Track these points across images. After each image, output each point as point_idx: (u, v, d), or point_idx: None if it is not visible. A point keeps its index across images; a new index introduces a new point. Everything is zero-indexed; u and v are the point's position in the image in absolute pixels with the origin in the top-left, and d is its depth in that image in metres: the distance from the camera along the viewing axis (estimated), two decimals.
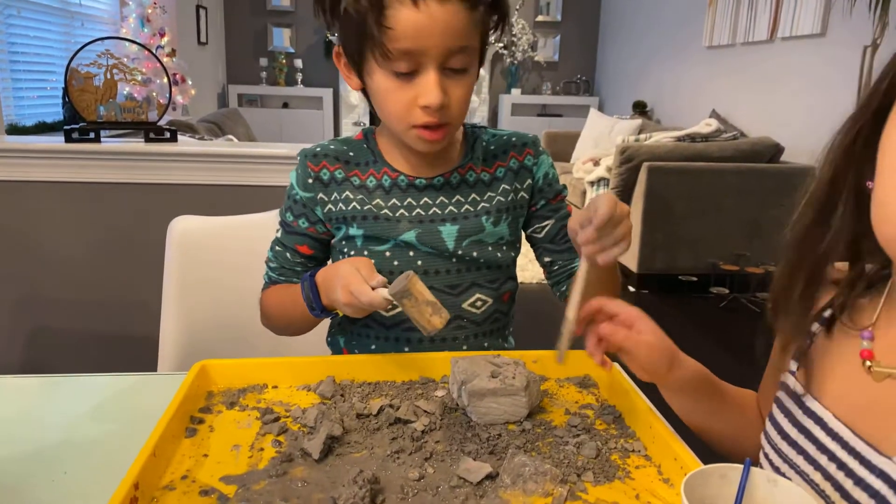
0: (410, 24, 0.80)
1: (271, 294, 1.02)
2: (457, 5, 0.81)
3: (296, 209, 1.00)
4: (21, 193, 1.78)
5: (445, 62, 0.84)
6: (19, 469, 0.70)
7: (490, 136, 1.03)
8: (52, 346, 1.91)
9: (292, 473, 0.66)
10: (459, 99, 0.87)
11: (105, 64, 1.79)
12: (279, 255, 1.02)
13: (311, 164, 0.98)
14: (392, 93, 0.86)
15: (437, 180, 0.97)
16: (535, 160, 1.02)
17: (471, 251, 0.97)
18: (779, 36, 4.03)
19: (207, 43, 5.96)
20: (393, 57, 0.82)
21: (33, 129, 3.44)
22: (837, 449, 0.63)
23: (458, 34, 0.82)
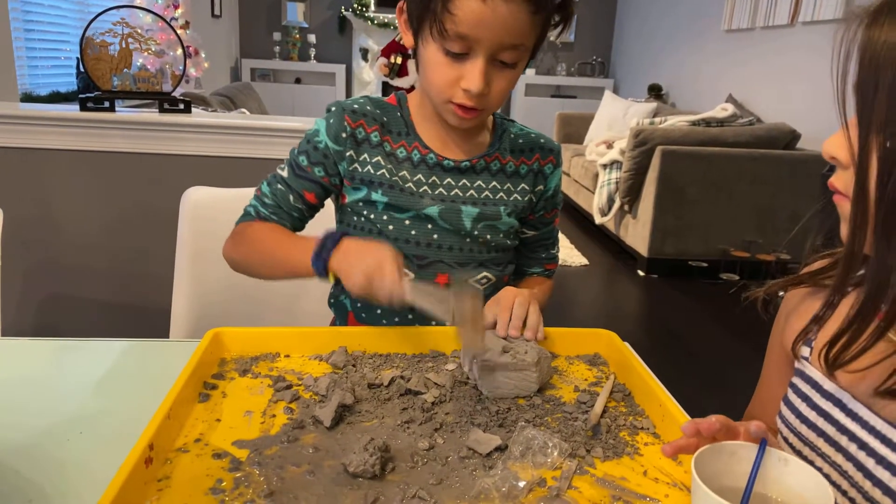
0: (472, 13, 0.81)
1: (264, 228, 0.99)
2: (521, 5, 0.82)
3: (314, 156, 0.98)
4: (36, 161, 1.79)
5: (496, 54, 0.86)
6: (35, 429, 0.71)
7: (518, 130, 1.05)
8: (65, 313, 1.93)
9: (304, 440, 0.67)
10: (500, 90, 0.89)
11: (120, 33, 1.79)
12: (279, 194, 1.00)
13: (349, 119, 0.97)
14: (439, 66, 0.88)
15: (464, 164, 0.99)
16: (553, 169, 1.05)
17: (485, 233, 1.00)
18: (800, 20, 3.97)
19: (221, 16, 5.93)
20: (448, 37, 0.84)
21: (47, 99, 3.44)
22: (857, 429, 0.63)
23: (515, 32, 0.84)
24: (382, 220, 0.98)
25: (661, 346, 2.87)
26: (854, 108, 0.57)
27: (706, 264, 3.67)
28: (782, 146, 3.66)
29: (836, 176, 0.62)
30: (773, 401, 0.77)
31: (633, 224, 3.90)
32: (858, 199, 0.57)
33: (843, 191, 0.61)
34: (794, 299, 0.77)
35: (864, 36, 0.55)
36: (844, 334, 0.61)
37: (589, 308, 3.39)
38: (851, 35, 0.56)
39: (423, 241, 0.98)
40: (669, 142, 3.62)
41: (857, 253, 0.59)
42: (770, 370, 0.83)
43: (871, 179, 0.56)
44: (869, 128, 0.55)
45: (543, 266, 1.13)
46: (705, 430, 0.57)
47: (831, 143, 0.61)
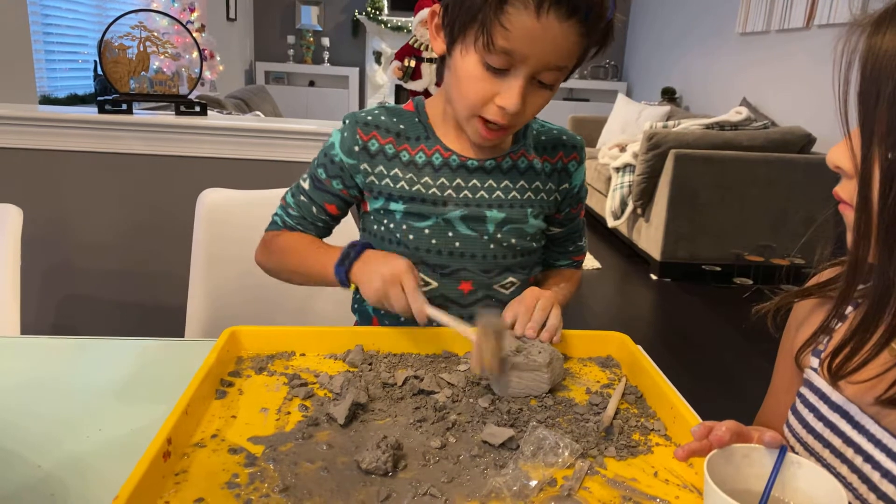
0: (525, 30, 0.79)
1: (290, 237, 1.02)
2: (575, 27, 0.80)
3: (331, 169, 0.99)
4: (54, 162, 1.82)
5: (538, 74, 0.84)
6: (56, 425, 0.73)
7: (539, 126, 1.03)
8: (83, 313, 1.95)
9: (318, 437, 0.68)
10: (534, 108, 0.88)
11: (138, 36, 1.81)
12: (303, 205, 1.02)
13: (361, 132, 0.96)
14: (476, 80, 0.85)
15: (489, 163, 0.96)
16: (577, 165, 1.03)
17: (509, 237, 0.98)
18: (815, 23, 3.94)
19: (236, 19, 5.98)
20: (494, 50, 0.81)
21: (65, 101, 3.49)
22: (864, 441, 0.63)
23: (563, 53, 0.82)
24: (402, 230, 0.97)
25: (674, 350, 2.86)
26: (857, 117, 0.56)
27: (719, 268, 3.66)
28: (797, 150, 3.64)
29: (840, 185, 0.62)
30: (781, 410, 0.77)
31: (646, 228, 3.89)
32: (862, 209, 0.57)
33: (847, 200, 0.61)
34: (803, 310, 0.77)
35: (865, 46, 0.55)
36: (847, 345, 0.61)
37: (601, 312, 3.38)
38: (853, 45, 0.56)
39: (444, 249, 0.97)
40: (683, 145, 3.61)
41: (862, 262, 0.59)
42: (779, 380, 0.82)
43: (874, 190, 0.56)
44: (871, 139, 0.55)
45: (571, 258, 1.12)
46: (715, 440, 0.57)
47: (835, 152, 0.61)
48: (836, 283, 0.71)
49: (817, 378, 0.70)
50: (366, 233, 1.03)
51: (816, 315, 0.74)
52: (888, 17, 0.55)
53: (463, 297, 0.99)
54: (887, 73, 0.53)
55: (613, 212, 4.15)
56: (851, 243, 0.59)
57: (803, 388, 0.72)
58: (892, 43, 0.53)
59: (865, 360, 0.60)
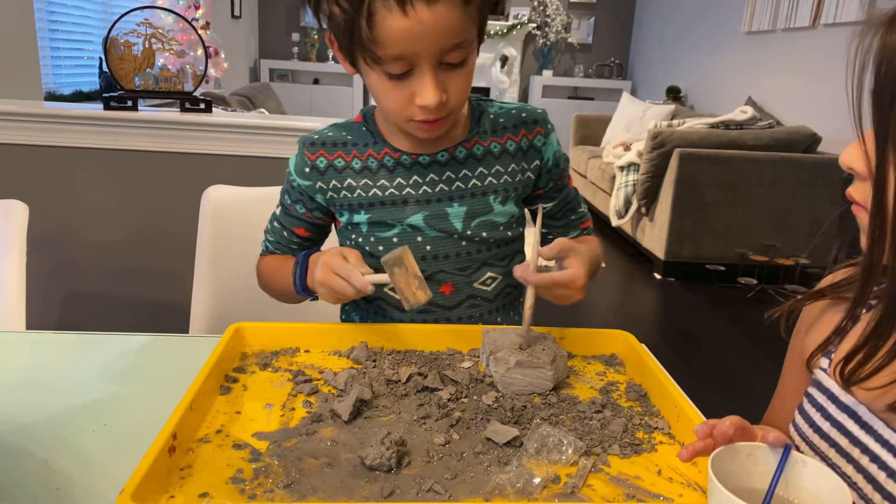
0: (400, 31, 0.76)
1: (268, 262, 1.05)
2: (447, 5, 0.76)
3: (293, 194, 1.00)
4: (60, 159, 1.82)
5: (441, 59, 0.80)
6: (61, 420, 0.73)
7: (497, 108, 1.00)
8: (87, 310, 1.96)
9: (322, 433, 0.68)
10: (458, 90, 0.84)
11: (144, 33, 1.82)
12: (277, 231, 1.04)
13: (308, 153, 0.96)
14: (388, 92, 0.83)
15: (440, 155, 0.95)
16: (545, 139, 1.00)
17: (480, 232, 0.96)
18: (821, 22, 3.93)
19: (241, 17, 5.99)
20: (384, 62, 0.79)
21: (70, 98, 3.50)
22: (870, 441, 0.63)
23: (452, 33, 0.78)
24: (370, 242, 0.96)
25: (678, 349, 2.85)
26: (871, 118, 0.56)
27: (723, 268, 3.65)
28: (802, 149, 3.62)
29: (853, 187, 0.61)
30: (788, 411, 0.77)
31: (650, 227, 3.89)
32: (876, 212, 0.56)
33: (861, 202, 0.60)
34: (814, 311, 0.76)
35: (879, 45, 0.54)
36: (860, 351, 0.61)
37: (605, 311, 3.38)
38: (867, 46, 0.55)
39: (416, 255, 0.93)
40: (687, 144, 3.60)
41: (877, 265, 0.58)
42: (787, 381, 0.82)
43: (890, 193, 0.55)
44: (886, 141, 0.54)
45: (578, 227, 1.10)
46: (719, 434, 0.57)
47: (848, 154, 0.60)
48: (849, 284, 0.70)
49: (827, 378, 0.70)
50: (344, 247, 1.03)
51: (827, 316, 0.73)
52: None
53: (445, 299, 0.98)
54: None
55: (617, 211, 4.14)
56: (866, 246, 0.59)
57: (811, 387, 0.72)
58: None
59: (879, 367, 0.59)
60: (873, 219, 0.57)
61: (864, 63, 0.55)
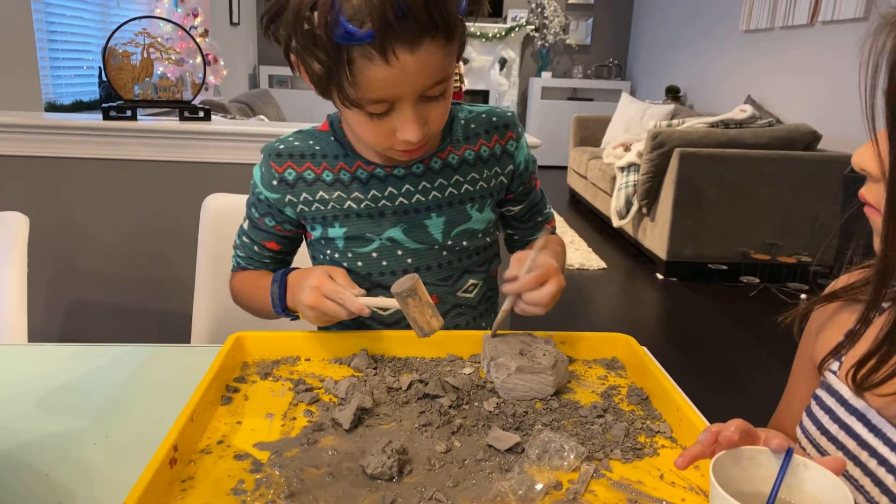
0: (382, 80, 0.73)
1: (242, 279, 1.02)
2: (429, 47, 0.73)
3: (261, 207, 0.96)
4: (60, 169, 1.83)
5: (422, 95, 0.78)
6: (63, 433, 0.73)
7: (467, 113, 0.98)
8: (89, 319, 1.96)
9: (323, 442, 0.68)
10: (438, 118, 0.83)
11: (142, 43, 1.82)
12: (247, 246, 1.00)
13: (274, 165, 0.92)
14: (367, 127, 0.81)
15: (416, 167, 0.93)
16: (517, 143, 0.99)
17: (460, 241, 0.96)
18: (819, 20, 3.93)
19: (239, 24, 6.00)
20: (364, 104, 0.77)
21: (70, 108, 3.51)
22: (879, 445, 0.62)
23: (433, 72, 0.76)
24: (348, 257, 0.94)
25: (681, 349, 2.85)
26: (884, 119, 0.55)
27: (726, 267, 3.64)
28: (802, 147, 3.62)
29: (866, 188, 0.60)
30: (797, 413, 0.76)
31: (652, 227, 3.88)
32: (890, 214, 0.56)
33: (874, 204, 0.59)
34: (825, 313, 0.75)
35: (893, 46, 0.53)
36: (873, 356, 0.60)
37: (608, 312, 3.38)
38: (880, 46, 0.54)
39: (397, 268, 0.95)
40: (687, 144, 3.60)
41: (891, 267, 0.58)
42: (796, 382, 0.81)
43: None
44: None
45: (543, 227, 1.09)
46: (724, 441, 0.56)
47: (860, 155, 0.59)
48: (863, 286, 0.69)
49: (836, 381, 0.69)
50: (316, 261, 1.01)
51: (838, 319, 0.73)
52: None
53: None
54: None
55: (618, 211, 4.14)
56: (880, 249, 0.58)
57: (820, 390, 0.72)
58: None
59: (893, 373, 0.58)
60: (887, 221, 0.56)
61: (878, 64, 0.54)
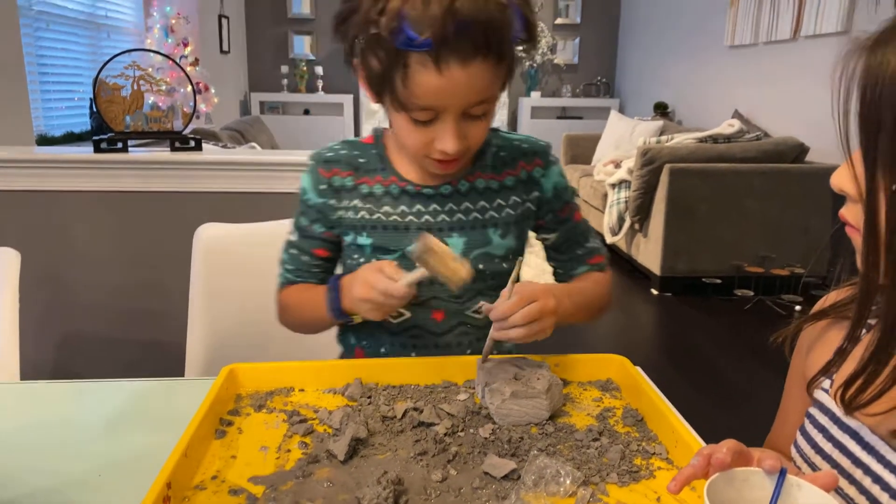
0: (432, 88, 0.80)
1: (291, 293, 1.04)
2: (480, 65, 0.79)
3: (310, 214, 1.00)
4: (51, 203, 1.83)
5: (466, 111, 0.84)
6: (55, 473, 0.72)
7: (502, 141, 1.01)
8: (82, 352, 1.95)
9: (318, 474, 0.68)
10: (477, 137, 0.88)
11: (132, 75, 1.83)
12: (295, 258, 1.03)
13: (322, 171, 0.98)
14: (410, 133, 0.87)
15: (444, 188, 0.97)
16: (543, 171, 1.00)
17: (477, 264, 0.96)
18: (802, 34, 3.98)
19: (230, 51, 6.05)
20: (411, 109, 0.83)
21: (62, 140, 3.52)
22: (873, 462, 0.62)
23: (480, 90, 0.82)
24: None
25: (677, 364, 2.85)
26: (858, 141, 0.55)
27: (720, 281, 3.65)
28: (791, 160, 3.65)
29: (846, 208, 0.61)
30: (791, 432, 0.76)
31: (645, 243, 3.90)
32: (869, 235, 0.56)
33: (854, 224, 0.60)
34: (814, 331, 0.76)
35: (863, 71, 0.54)
36: (859, 377, 0.60)
37: (603, 328, 3.37)
38: (850, 71, 0.55)
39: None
40: (677, 159, 3.63)
41: (873, 286, 0.58)
42: (790, 400, 0.81)
43: (881, 216, 0.55)
44: (874, 165, 0.54)
45: (585, 262, 1.05)
46: (716, 464, 0.56)
47: (838, 176, 0.60)
48: (851, 303, 0.69)
49: (828, 399, 0.69)
50: (344, 268, 1.03)
51: (828, 336, 0.73)
52: (884, 41, 0.53)
53: (437, 325, 0.99)
54: (887, 101, 0.52)
55: (611, 228, 4.16)
56: (861, 269, 0.58)
57: (813, 408, 0.72)
58: (890, 68, 0.52)
59: (879, 393, 0.58)
60: (866, 242, 0.56)
61: (850, 88, 0.55)
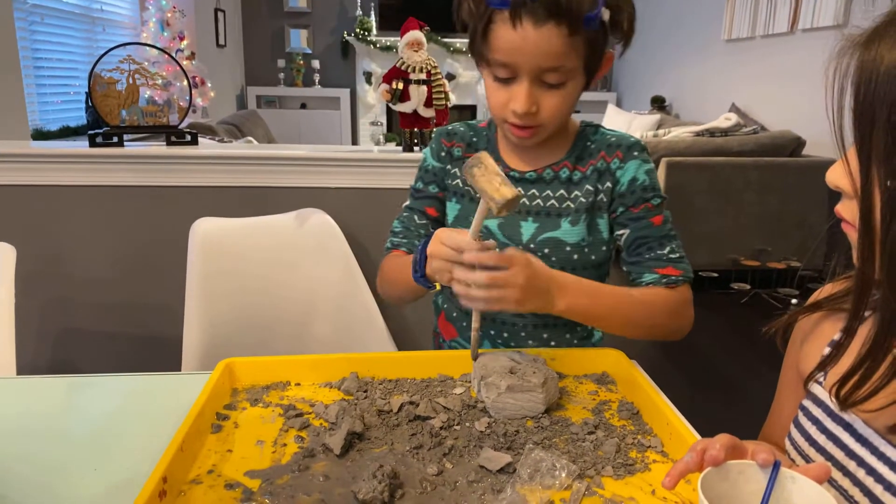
0: (507, 42, 0.87)
1: (391, 259, 1.07)
2: (553, 30, 0.84)
3: (427, 177, 1.08)
4: (47, 198, 1.82)
5: (540, 76, 0.89)
6: (51, 466, 0.72)
7: (599, 136, 1.03)
8: (79, 347, 1.95)
9: (314, 468, 0.68)
10: (551, 108, 0.92)
11: (127, 69, 1.82)
12: (405, 220, 1.09)
13: (444, 141, 1.08)
14: (493, 91, 0.94)
15: (529, 175, 1.02)
16: (621, 164, 0.99)
17: (543, 247, 0.99)
18: (799, 28, 3.98)
19: (226, 45, 6.03)
20: (493, 64, 0.90)
21: (58, 134, 3.50)
22: (867, 454, 0.63)
23: (551, 56, 0.86)
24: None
25: (675, 357, 2.85)
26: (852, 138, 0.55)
27: (716, 274, 3.66)
28: (788, 153, 3.65)
29: (842, 204, 0.61)
30: (786, 424, 0.76)
31: None
32: (864, 231, 0.56)
33: (849, 220, 0.60)
34: (809, 322, 0.76)
35: (856, 68, 0.54)
36: (856, 373, 0.60)
37: None
38: (844, 68, 0.55)
39: None
40: (674, 153, 3.63)
41: (868, 282, 0.58)
42: (784, 392, 0.81)
43: (876, 213, 0.55)
44: (869, 161, 0.54)
45: (653, 270, 0.97)
46: (710, 460, 0.56)
47: (834, 172, 0.60)
48: (845, 296, 0.69)
49: (822, 391, 0.69)
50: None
51: (821, 329, 0.73)
52: (878, 37, 0.53)
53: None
54: (880, 98, 0.52)
55: None
56: (856, 264, 0.59)
57: (807, 400, 0.72)
58: (884, 65, 0.52)
59: (875, 390, 0.58)
60: (861, 238, 0.57)
61: (843, 86, 0.55)
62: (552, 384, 0.81)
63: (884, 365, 0.58)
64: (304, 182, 1.83)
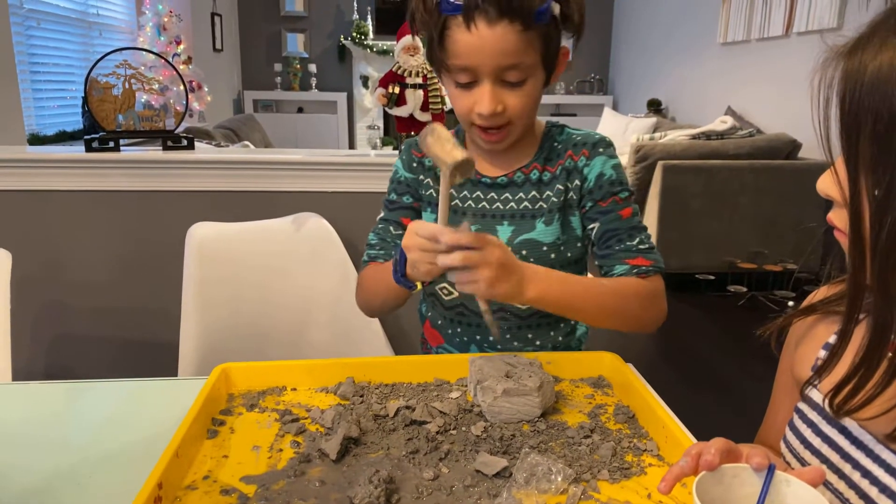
0: (464, 45, 0.87)
1: (369, 270, 1.07)
2: (507, 27, 0.85)
3: (400, 189, 1.08)
4: (43, 203, 1.82)
5: (501, 76, 0.90)
6: (46, 473, 0.72)
7: (565, 136, 1.04)
8: (75, 353, 1.94)
9: (310, 473, 0.68)
10: (516, 107, 0.92)
11: (123, 74, 1.82)
12: (381, 231, 1.09)
13: (415, 152, 1.08)
14: (456, 97, 0.95)
15: (500, 179, 1.03)
16: (588, 161, 1.00)
17: (521, 249, 1.00)
18: (794, 31, 3.99)
19: (223, 50, 6.03)
20: (453, 70, 0.91)
21: (54, 139, 3.50)
22: (862, 457, 0.63)
23: (508, 54, 0.87)
24: None
25: (672, 360, 2.86)
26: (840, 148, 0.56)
27: (713, 277, 3.66)
28: (783, 156, 3.66)
29: (833, 212, 0.61)
30: (782, 426, 0.77)
31: None
32: (854, 240, 0.56)
33: (841, 228, 0.60)
34: (803, 325, 0.76)
35: (841, 78, 0.54)
36: (850, 381, 0.60)
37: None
38: (829, 79, 0.55)
39: None
40: (670, 156, 3.64)
41: (861, 287, 0.58)
42: (779, 396, 0.81)
43: (865, 222, 0.55)
44: (856, 171, 0.55)
45: (623, 261, 0.97)
46: (704, 465, 0.56)
47: (823, 181, 0.60)
48: (839, 300, 0.69)
49: (817, 394, 0.70)
50: None
51: (816, 331, 0.73)
52: (861, 46, 0.54)
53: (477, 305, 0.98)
54: (865, 107, 0.52)
55: None
56: (849, 272, 0.59)
57: (802, 403, 0.72)
58: (867, 74, 0.52)
59: (870, 398, 0.58)
60: (852, 246, 0.57)
61: (829, 97, 0.55)
62: (548, 388, 0.81)
63: (878, 373, 0.58)
64: (301, 186, 1.83)
